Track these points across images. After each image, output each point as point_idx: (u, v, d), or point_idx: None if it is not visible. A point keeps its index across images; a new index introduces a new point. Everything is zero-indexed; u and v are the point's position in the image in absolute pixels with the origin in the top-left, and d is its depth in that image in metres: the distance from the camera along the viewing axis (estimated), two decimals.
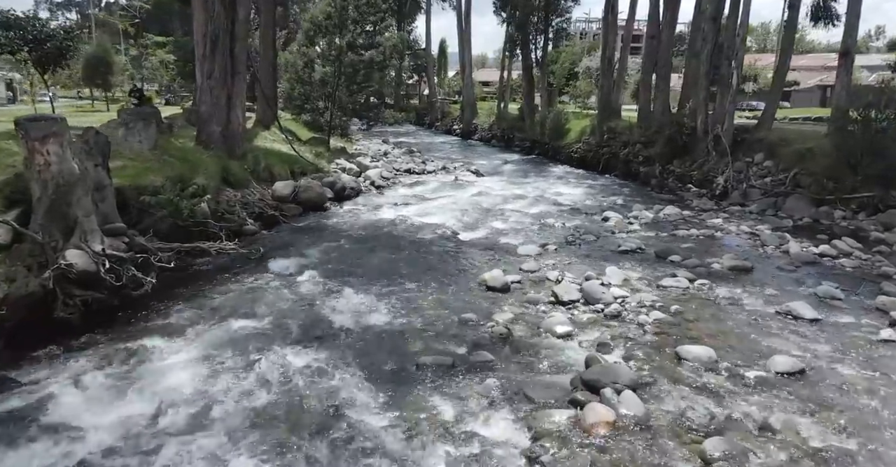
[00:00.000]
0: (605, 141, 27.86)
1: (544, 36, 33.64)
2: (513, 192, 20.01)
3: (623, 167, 25.58)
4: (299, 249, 11.55)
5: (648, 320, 7.84)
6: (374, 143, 36.60)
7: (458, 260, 11.21)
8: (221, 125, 15.47)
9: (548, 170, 28.28)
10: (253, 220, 13.15)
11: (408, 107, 65.68)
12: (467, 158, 32.47)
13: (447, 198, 18.12)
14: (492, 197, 18.86)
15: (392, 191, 19.60)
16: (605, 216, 15.48)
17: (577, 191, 21.28)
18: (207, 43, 15.26)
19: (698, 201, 18.52)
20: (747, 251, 11.94)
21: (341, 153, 25.88)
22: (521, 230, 13.85)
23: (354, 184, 18.84)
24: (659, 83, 24.51)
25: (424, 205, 16.81)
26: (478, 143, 42.46)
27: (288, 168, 16.95)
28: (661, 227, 14.37)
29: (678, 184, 21.62)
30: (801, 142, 18.12)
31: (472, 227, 14.04)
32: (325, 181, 17.40)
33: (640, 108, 26.28)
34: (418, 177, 23.99)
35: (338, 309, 8.51)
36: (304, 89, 24.82)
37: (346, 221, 14.30)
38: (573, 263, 10.88)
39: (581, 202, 18.60)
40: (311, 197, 15.41)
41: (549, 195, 19.87)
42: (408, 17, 65.22)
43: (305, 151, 22.30)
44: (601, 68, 28.74)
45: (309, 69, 24.44)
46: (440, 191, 20.03)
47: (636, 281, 9.69)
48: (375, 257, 11.21)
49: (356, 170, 21.42)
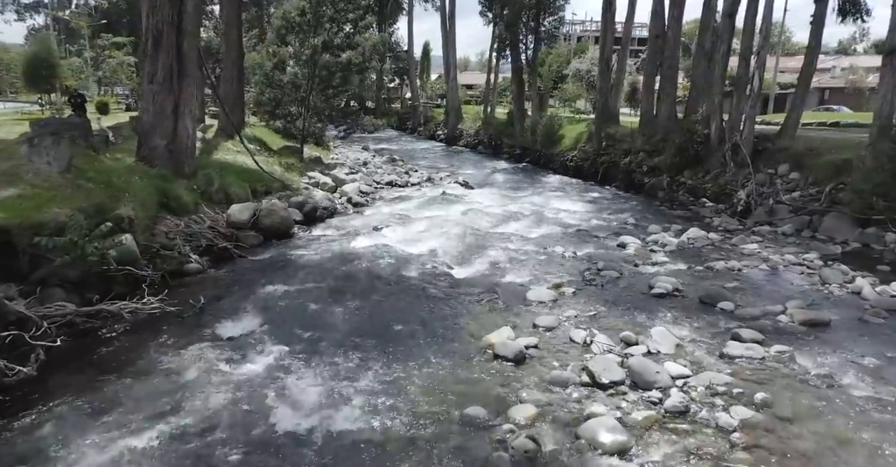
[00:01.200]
0: (604, 148, 25.71)
1: (535, 36, 31.45)
2: (508, 210, 17.70)
3: (625, 178, 23.42)
4: (251, 298, 9.12)
5: (733, 421, 5.53)
6: (353, 151, 34.15)
7: (453, 310, 8.85)
8: (167, 138, 12.99)
9: (542, 180, 26.05)
10: (199, 256, 10.69)
11: (389, 111, 63.32)
12: (454, 167, 30.17)
13: (435, 219, 15.77)
14: (485, 215, 16.53)
15: (372, 210, 17.19)
16: (620, 241, 13.23)
17: (579, 206, 19.05)
18: (149, 38, 12.80)
19: (719, 220, 16.35)
20: (808, 292, 9.72)
21: (316, 164, 23.44)
22: (526, 262, 11.54)
23: (328, 202, 16.41)
24: (664, 86, 22.41)
25: (409, 229, 14.44)
26: (463, 150, 40.18)
27: (249, 187, 14.47)
28: (690, 256, 12.14)
29: (690, 198, 19.49)
30: (835, 153, 16.06)
31: (467, 260, 11.69)
32: (292, 201, 14.96)
33: (642, 113, 24.17)
34: (401, 190, 21.61)
35: (292, 403, 6.11)
36: (274, 93, 22.35)
37: (314, 253, 11.88)
38: (600, 314, 8.58)
39: (587, 221, 16.35)
40: (275, 222, 12.97)
41: (548, 212, 17.60)
42: (389, 18, 62.88)
43: (274, 163, 19.85)
44: (599, 70, 26.61)
45: (279, 71, 21.98)
46: (426, 208, 17.66)
47: (691, 345, 7.40)
48: (348, 309, 8.82)
49: (331, 184, 18.99)
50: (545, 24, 31.14)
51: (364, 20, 24.78)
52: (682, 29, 24.30)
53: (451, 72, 44.37)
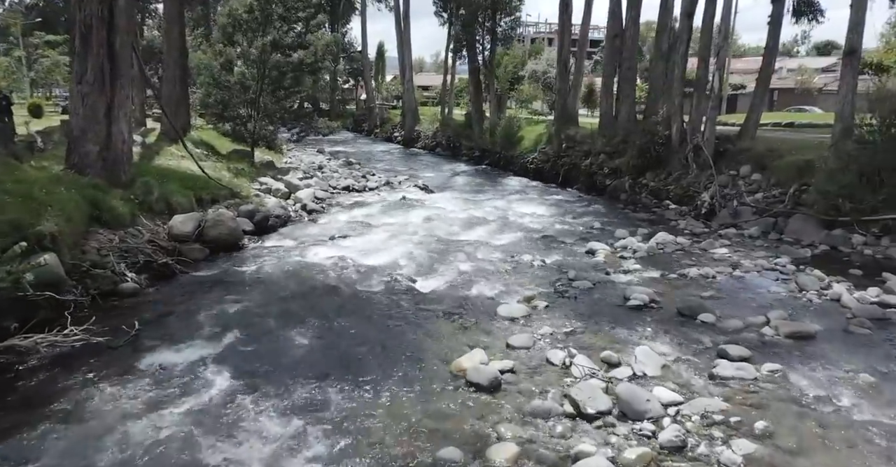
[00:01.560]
0: (564, 150, 25.38)
1: (492, 36, 30.99)
2: (471, 214, 17.09)
3: (587, 180, 23.11)
4: (193, 321, 8.21)
5: (736, 457, 4.97)
6: (307, 154, 33.10)
7: (419, 329, 8.14)
8: (99, 144, 11.87)
9: (502, 182, 25.57)
10: (136, 274, 9.69)
11: (344, 113, 62.15)
12: (412, 170, 29.46)
13: (395, 226, 15.03)
14: (447, 221, 15.87)
15: (328, 217, 16.32)
16: (589, 248, 12.74)
17: (542, 209, 18.59)
18: (77, 35, 11.68)
19: (685, 222, 16.09)
20: (786, 300, 9.37)
21: (268, 169, 22.39)
22: (494, 272, 10.91)
23: (281, 210, 15.47)
24: (623, 87, 22.18)
25: (368, 238, 13.66)
26: (421, 152, 39.46)
27: (193, 195, 13.42)
28: (662, 263, 11.73)
29: (653, 200, 19.26)
30: (796, 154, 15.99)
31: (432, 271, 10.99)
32: (242, 210, 13.98)
33: (602, 115, 23.93)
34: (359, 195, 20.78)
35: (238, 447, 5.30)
36: (221, 95, 21.18)
37: (266, 268, 10.98)
38: (576, 330, 8.00)
39: (552, 226, 15.87)
40: (222, 233, 12.00)
41: (512, 217, 17.06)
42: (342, 18, 61.72)
43: (223, 169, 18.76)
44: (557, 71, 26.29)
45: (227, 71, 20.82)
46: (386, 214, 16.90)
47: (678, 365, 6.88)
48: (303, 331, 8.01)
49: (284, 190, 18.01)
50: (502, 25, 30.71)
51: (315, 19, 23.84)
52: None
53: (406, 73, 43.60)
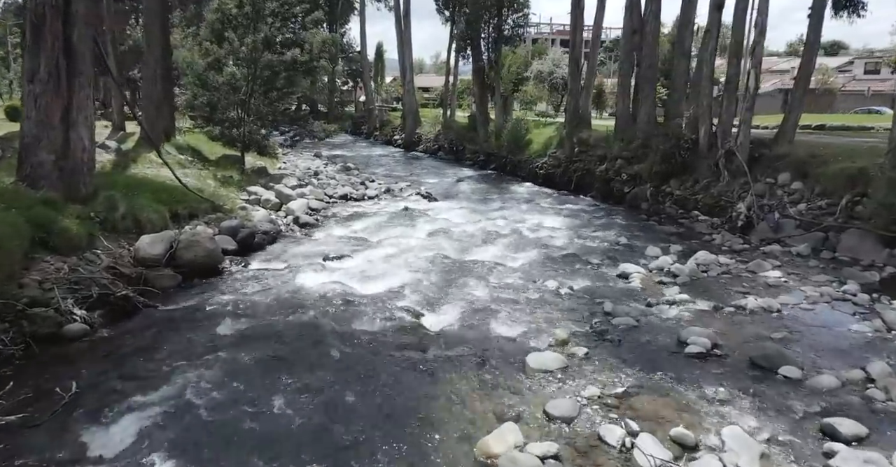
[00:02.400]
0: (577, 155, 23.77)
1: (498, 34, 29.33)
2: (480, 227, 15.45)
3: (602, 187, 21.49)
4: (145, 379, 6.55)
5: None
6: (303, 159, 31.45)
7: (430, 389, 6.49)
8: (55, 152, 10.21)
9: (511, 189, 23.93)
10: (87, 310, 8.02)
11: (343, 115, 60.48)
12: (414, 175, 27.82)
13: (397, 242, 13.38)
14: (455, 236, 14.23)
15: (323, 232, 14.66)
16: (621, 271, 11.08)
17: (558, 221, 16.94)
18: (28, 27, 10.05)
19: (720, 237, 14.45)
20: (877, 344, 7.71)
21: (260, 176, 20.74)
22: (515, 304, 9.26)
23: (270, 224, 13.82)
24: (643, 87, 20.55)
25: (367, 257, 12.01)
26: (423, 156, 37.81)
27: (167, 210, 11.76)
28: (709, 290, 10.08)
29: (679, 211, 17.61)
30: (845, 160, 14.35)
31: (440, 301, 9.34)
32: (224, 226, 12.32)
33: (618, 117, 22.29)
34: (357, 205, 19.14)
35: None
36: (209, 96, 19.55)
37: (246, 298, 9.32)
38: (631, 392, 6.33)
39: (572, 241, 14.22)
40: (198, 256, 10.34)
41: (527, 230, 15.41)
42: (340, 18, 60.16)
43: (208, 177, 17.12)
44: (569, 71, 24.66)
45: (215, 71, 19.19)
46: (386, 227, 15.25)
47: (777, 450, 5.22)
48: (284, 393, 6.34)
49: (275, 201, 16.36)
50: (509, 22, 29.07)
51: (311, 15, 22.23)
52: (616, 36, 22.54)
53: (407, 73, 41.99)
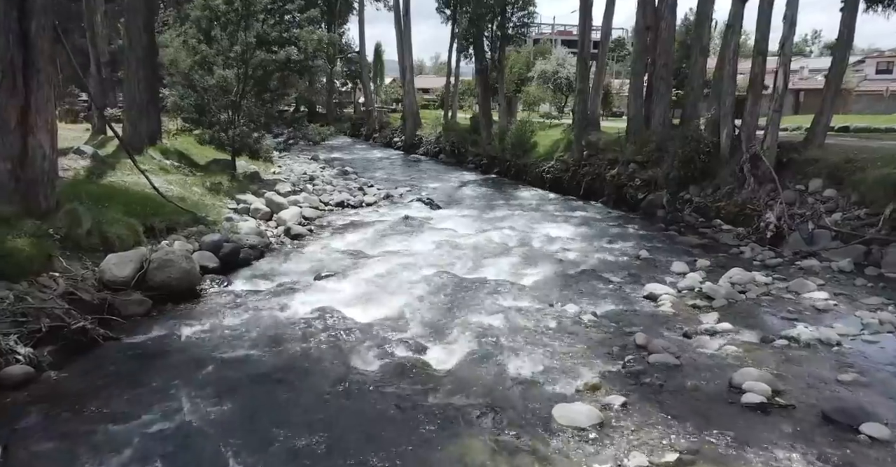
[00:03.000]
0: (586, 158, 22.59)
1: (502, 32, 28.15)
2: (487, 238, 14.28)
3: (614, 193, 20.29)
4: (96, 434, 5.37)
5: None
6: (299, 163, 30.27)
7: (434, 454, 5.30)
8: (11, 160, 9.04)
9: (516, 195, 22.75)
10: (33, 348, 6.83)
11: (342, 117, 59.31)
12: (414, 180, 26.65)
13: (396, 257, 12.21)
14: (460, 250, 13.05)
15: (315, 244, 13.47)
16: (648, 292, 9.89)
17: (570, 230, 15.77)
18: None
19: (749, 250, 13.26)
20: None
21: (252, 181, 19.58)
22: (532, 335, 8.08)
23: (257, 237, 12.63)
24: (658, 87, 19.38)
25: (363, 274, 10.84)
26: (423, 159, 36.60)
27: (140, 224, 10.55)
28: (751, 316, 8.90)
29: (700, 219, 16.41)
30: (886, 166, 13.17)
31: (445, 331, 8.16)
32: (205, 240, 11.13)
33: (630, 119, 21.12)
34: (354, 213, 17.97)
35: None
36: (197, 98, 18.38)
37: (223, 328, 8.13)
38: (685, 456, 5.15)
39: (588, 254, 13.04)
40: (172, 277, 9.16)
41: (536, 241, 14.24)
42: (339, 18, 59.00)
43: (195, 184, 15.94)
44: (577, 71, 23.49)
45: (204, 71, 18.00)
46: (385, 239, 14.08)
47: None
48: (259, 456, 5.16)
49: (265, 210, 15.17)
50: (513, 20, 27.89)
51: (307, 12, 21.05)
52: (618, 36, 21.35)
53: (407, 74, 40.81)
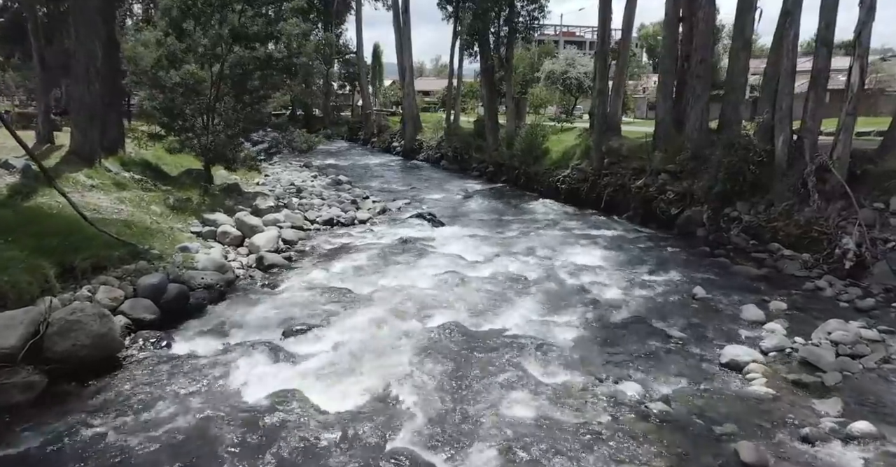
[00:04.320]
0: (607, 167, 20.11)
1: (510, 27, 25.65)
2: (501, 269, 11.78)
3: (641, 207, 17.78)
4: None
5: None
6: (289, 171, 27.84)
7: None
8: None
9: (529, 208, 20.27)
10: None
11: (339, 120, 56.86)
12: (414, 190, 24.19)
13: (390, 298, 9.72)
14: (470, 287, 10.53)
15: (292, 279, 10.93)
16: (728, 358, 7.38)
17: (598, 255, 13.29)
18: None
19: (826, 285, 10.75)
20: None
21: (229, 195, 17.14)
22: (581, 438, 5.58)
23: (218, 273, 10.07)
24: (695, 86, 16.85)
25: (346, 328, 8.36)
26: (424, 165, 34.15)
27: (53, 264, 8.02)
28: (882, 402, 6.40)
29: (750, 242, 13.88)
30: None
31: (454, 432, 5.66)
32: (142, 283, 8.60)
33: (658, 122, 18.61)
34: (345, 232, 15.48)
35: None
36: (164, 99, 15.88)
37: (141, 424, 5.62)
38: None
39: (628, 291, 10.53)
40: (79, 344, 6.65)
41: (562, 271, 11.73)
42: (336, 17, 56.61)
43: (153, 202, 13.46)
44: (596, 69, 20.98)
45: (172, 67, 15.53)
46: (378, 271, 11.57)
47: None
48: None
49: (235, 234, 12.67)
50: (523, 13, 25.41)
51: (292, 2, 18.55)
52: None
53: (406, 75, 38.36)
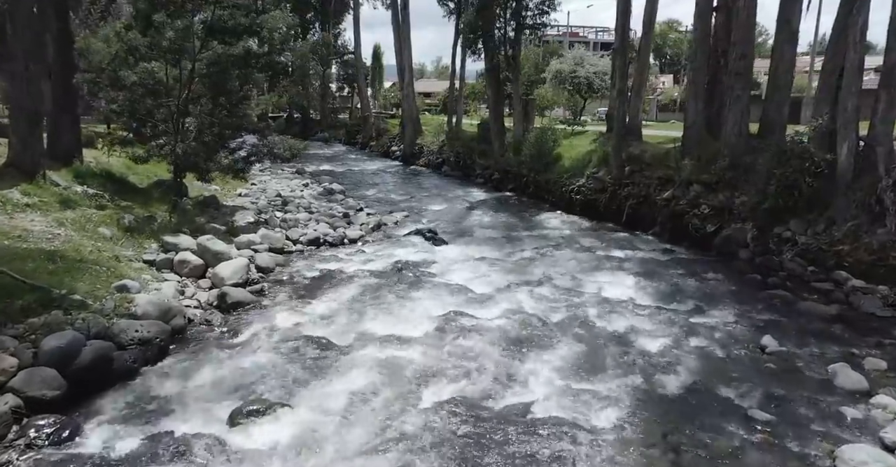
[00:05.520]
0: (628, 175, 18.00)
1: (517, 22, 23.58)
2: (516, 305, 9.68)
3: (670, 222, 15.68)
4: None
5: None
6: (278, 178, 25.75)
7: None
8: None
9: (541, 222, 18.16)
10: None
11: (337, 123, 54.83)
12: (413, 200, 22.11)
13: (378, 356, 7.62)
14: (479, 336, 8.42)
15: (259, 324, 8.78)
16: (844, 461, 5.30)
17: (630, 286, 11.18)
18: None
19: None
20: None
21: (203, 210, 15.14)
22: None
23: (159, 322, 7.91)
24: (734, 84, 14.73)
25: (318, 399, 6.30)
26: (424, 171, 32.07)
27: None
28: None
29: (808, 268, 11.75)
30: None
31: None
32: (46, 347, 6.43)
33: (688, 126, 16.49)
34: (332, 255, 13.36)
35: None
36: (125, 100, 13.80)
37: None
38: None
39: (680, 342, 8.42)
40: None
41: (590, 310, 9.62)
42: (333, 17, 54.69)
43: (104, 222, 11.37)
44: (614, 67, 18.89)
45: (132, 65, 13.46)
46: (364, 310, 9.44)
47: None
48: None
49: (196, 263, 10.56)
50: (531, 7, 23.34)
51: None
52: None
53: (405, 75, 36.29)
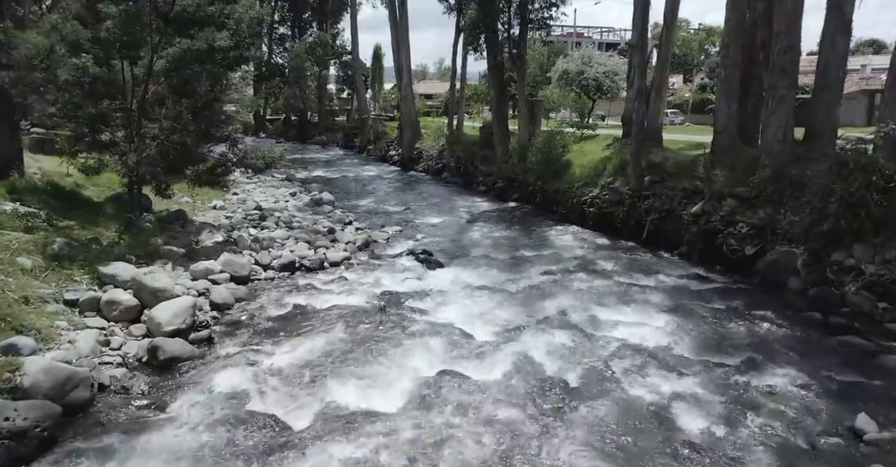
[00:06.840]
0: (648, 186, 15.95)
1: (521, 18, 21.54)
2: (525, 363, 7.65)
3: (699, 242, 13.63)
4: None
5: None
6: (263, 187, 23.63)
7: None
8: None
9: (551, 239, 16.11)
10: None
11: (335, 126, 52.81)
12: (409, 211, 20.11)
13: (340, 436, 5.59)
14: (481, 414, 6.40)
15: (192, 391, 6.73)
16: None
17: (662, 326, 9.19)
18: None
19: None
20: None
21: (164, 229, 13.13)
22: None
23: (48, 403, 5.93)
24: (777, 84, 12.63)
25: None
26: (423, 177, 30.04)
27: None
28: None
29: (879, 304, 9.67)
30: None
31: None
32: None
33: (719, 130, 14.41)
34: (308, 283, 11.32)
35: None
36: (65, 104, 11.81)
37: None
38: None
39: (740, 419, 6.39)
40: None
41: (617, 367, 7.59)
42: (331, 16, 52.82)
43: (29, 249, 9.35)
44: (631, 64, 16.83)
45: (65, 59, 11.40)
46: (333, 368, 7.41)
47: None
48: None
49: (130, 304, 8.53)
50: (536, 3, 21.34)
51: None
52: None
53: (404, 75, 34.25)
